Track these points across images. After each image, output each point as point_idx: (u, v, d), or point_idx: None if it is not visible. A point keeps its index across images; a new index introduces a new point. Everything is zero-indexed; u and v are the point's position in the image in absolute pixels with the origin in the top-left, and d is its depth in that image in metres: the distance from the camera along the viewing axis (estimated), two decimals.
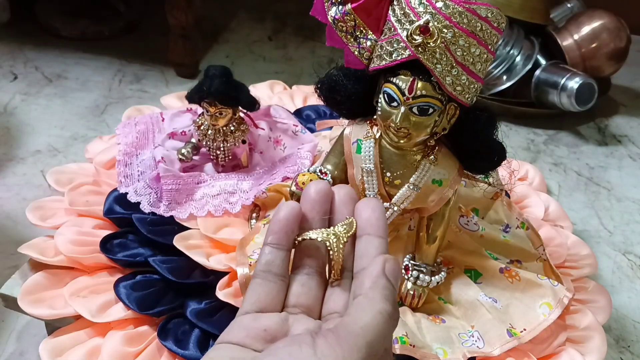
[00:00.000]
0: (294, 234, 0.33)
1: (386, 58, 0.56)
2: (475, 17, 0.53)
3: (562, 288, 0.66)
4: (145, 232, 0.69)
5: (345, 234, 0.32)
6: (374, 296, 0.29)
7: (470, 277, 0.68)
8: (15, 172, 0.97)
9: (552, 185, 1.01)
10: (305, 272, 0.34)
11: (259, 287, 0.32)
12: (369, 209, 0.33)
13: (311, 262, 0.34)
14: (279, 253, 0.33)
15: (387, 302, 0.29)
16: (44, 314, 0.62)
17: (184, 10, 1.18)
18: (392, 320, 0.29)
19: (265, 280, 0.33)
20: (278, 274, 0.33)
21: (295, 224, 0.33)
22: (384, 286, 0.29)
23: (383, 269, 0.30)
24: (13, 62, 1.28)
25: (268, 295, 0.32)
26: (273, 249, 0.33)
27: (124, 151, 0.81)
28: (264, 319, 0.31)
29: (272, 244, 0.33)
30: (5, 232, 0.85)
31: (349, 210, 0.34)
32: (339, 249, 0.32)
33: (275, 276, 0.33)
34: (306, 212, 0.34)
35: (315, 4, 0.59)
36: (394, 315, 0.29)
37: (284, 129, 0.86)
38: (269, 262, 0.33)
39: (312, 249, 0.34)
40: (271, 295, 0.32)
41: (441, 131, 0.58)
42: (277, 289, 0.33)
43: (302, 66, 1.38)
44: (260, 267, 0.33)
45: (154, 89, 1.23)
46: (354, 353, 0.26)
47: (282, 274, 0.33)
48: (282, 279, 0.33)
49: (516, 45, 1.24)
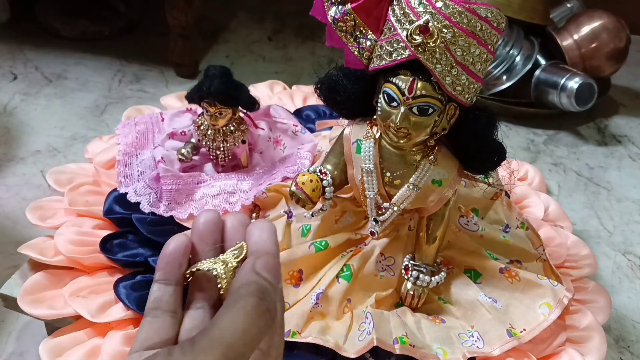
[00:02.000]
0: (182, 267, 0.32)
1: (386, 58, 0.56)
2: (475, 17, 0.53)
3: (562, 288, 0.66)
4: (144, 232, 0.69)
5: (234, 259, 0.31)
6: (240, 293, 0.27)
7: (470, 277, 0.68)
8: (15, 172, 0.97)
9: (552, 185, 1.01)
10: (198, 306, 0.32)
11: (148, 325, 0.31)
12: (257, 230, 0.31)
13: (203, 295, 0.33)
14: (167, 289, 0.32)
15: (253, 297, 0.27)
16: (43, 314, 0.62)
17: (184, 11, 1.18)
18: (262, 314, 0.27)
19: (155, 317, 0.31)
20: (167, 310, 0.31)
21: (183, 258, 0.32)
22: (252, 281, 0.28)
23: (253, 266, 0.29)
24: (13, 62, 1.28)
25: (157, 332, 0.31)
26: (161, 285, 0.32)
27: (124, 151, 0.81)
28: (147, 354, 0.29)
29: (159, 280, 0.32)
30: (5, 232, 0.85)
31: (240, 236, 0.33)
32: (228, 275, 0.30)
33: (165, 312, 0.31)
34: (196, 243, 0.33)
35: (315, 4, 0.59)
36: (264, 307, 0.27)
37: (284, 129, 0.85)
38: (157, 299, 0.31)
39: (204, 281, 0.33)
40: (160, 333, 0.31)
41: (441, 131, 0.58)
42: (167, 326, 0.31)
43: (302, 66, 1.38)
44: (149, 304, 0.32)
45: (154, 89, 1.23)
46: (208, 357, 0.25)
47: (172, 309, 0.31)
48: (173, 314, 0.31)
49: (516, 45, 1.24)
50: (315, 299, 0.63)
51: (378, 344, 0.58)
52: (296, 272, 0.66)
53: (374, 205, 0.63)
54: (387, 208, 0.63)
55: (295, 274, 0.66)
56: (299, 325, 0.61)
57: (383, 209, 0.63)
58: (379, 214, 0.64)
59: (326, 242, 0.67)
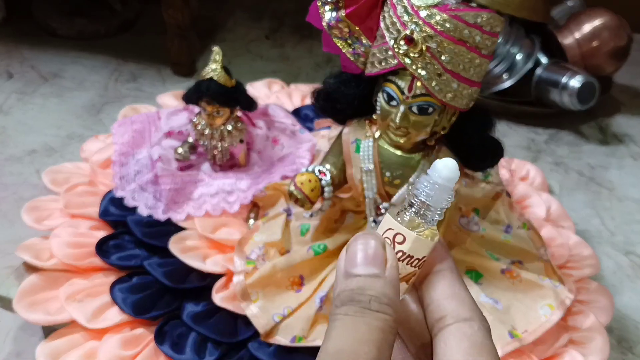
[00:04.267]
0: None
1: (377, 65, 0.56)
2: (463, 24, 0.52)
3: (564, 289, 0.65)
4: (139, 234, 0.68)
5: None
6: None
7: (471, 278, 0.68)
8: (12, 172, 0.96)
9: (553, 185, 1.00)
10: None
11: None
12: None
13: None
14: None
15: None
16: (39, 319, 0.62)
17: (181, 9, 1.17)
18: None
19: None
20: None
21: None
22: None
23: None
24: (9, 61, 1.27)
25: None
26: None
27: (120, 151, 0.81)
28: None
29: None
30: (2, 232, 0.84)
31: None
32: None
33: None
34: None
35: (311, 11, 0.59)
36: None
37: (282, 128, 0.85)
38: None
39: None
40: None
41: (441, 130, 0.58)
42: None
43: (300, 65, 1.37)
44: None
45: (151, 88, 1.22)
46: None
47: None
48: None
49: (516, 43, 1.23)
50: (319, 302, 0.63)
51: None
52: (297, 278, 0.65)
53: (372, 205, 0.63)
54: (386, 208, 0.62)
55: (297, 279, 0.65)
56: (304, 329, 0.61)
57: (382, 210, 0.63)
58: (378, 214, 0.63)
59: (324, 245, 0.66)
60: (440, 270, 0.24)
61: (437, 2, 0.52)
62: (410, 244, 0.23)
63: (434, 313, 0.23)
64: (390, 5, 0.55)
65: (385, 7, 0.56)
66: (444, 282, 0.24)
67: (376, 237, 0.24)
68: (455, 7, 0.52)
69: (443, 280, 0.24)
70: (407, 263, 0.23)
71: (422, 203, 0.24)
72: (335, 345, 0.21)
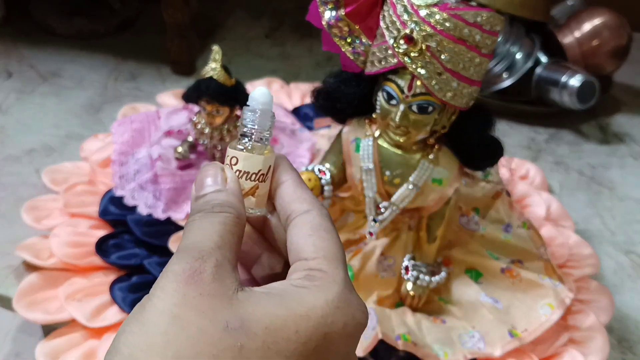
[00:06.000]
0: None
1: (377, 65, 0.56)
2: (462, 23, 0.52)
3: (564, 288, 0.65)
4: (139, 234, 0.68)
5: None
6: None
7: (471, 277, 0.68)
8: (11, 171, 0.96)
9: (554, 184, 1.00)
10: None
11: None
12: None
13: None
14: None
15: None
16: (39, 318, 0.62)
17: (180, 8, 1.17)
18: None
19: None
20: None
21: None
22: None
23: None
24: (8, 61, 1.27)
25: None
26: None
27: (119, 150, 0.81)
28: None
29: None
30: (1, 232, 0.84)
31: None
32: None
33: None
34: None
35: (311, 10, 0.59)
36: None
37: (282, 127, 0.85)
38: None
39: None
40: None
41: (441, 129, 0.57)
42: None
43: (300, 64, 1.37)
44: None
45: (150, 87, 1.22)
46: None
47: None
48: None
49: (516, 42, 1.23)
50: None
51: (383, 338, 0.58)
52: None
53: (372, 204, 0.62)
54: (386, 207, 0.62)
55: None
56: None
57: (382, 209, 0.62)
58: (378, 213, 0.63)
59: None
60: (284, 181, 0.29)
61: (437, 1, 0.52)
62: (242, 161, 0.28)
63: (282, 214, 0.28)
64: (390, 4, 0.54)
65: (385, 6, 0.56)
66: (287, 190, 0.28)
67: (216, 164, 0.28)
68: (455, 6, 0.52)
69: (287, 189, 0.28)
70: (246, 178, 0.28)
71: (251, 129, 0.28)
72: (185, 241, 0.25)
